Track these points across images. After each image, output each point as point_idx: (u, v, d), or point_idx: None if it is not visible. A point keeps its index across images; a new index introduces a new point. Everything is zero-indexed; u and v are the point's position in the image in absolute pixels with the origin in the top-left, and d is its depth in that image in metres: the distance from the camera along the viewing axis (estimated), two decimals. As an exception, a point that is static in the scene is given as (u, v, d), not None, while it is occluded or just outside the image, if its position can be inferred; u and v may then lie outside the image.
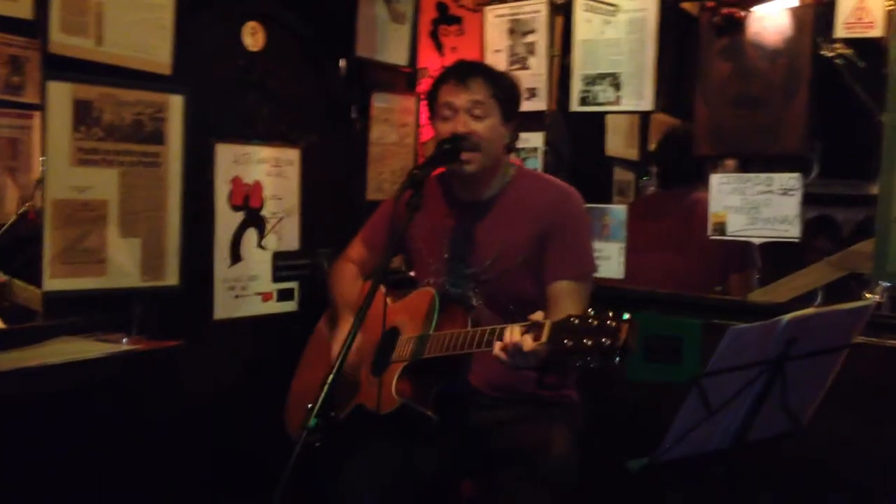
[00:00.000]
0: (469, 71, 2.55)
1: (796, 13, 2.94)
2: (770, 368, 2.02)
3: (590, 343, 1.95)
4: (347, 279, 2.78)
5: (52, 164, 2.54)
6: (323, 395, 1.97)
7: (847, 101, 3.10)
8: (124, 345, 2.59)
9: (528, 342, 2.07)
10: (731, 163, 3.53)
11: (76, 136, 2.58)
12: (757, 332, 1.97)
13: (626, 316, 1.95)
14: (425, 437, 2.45)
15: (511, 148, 2.65)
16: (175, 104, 2.79)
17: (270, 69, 3.22)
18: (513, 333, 2.11)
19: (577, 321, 1.99)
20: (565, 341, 1.99)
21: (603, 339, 1.94)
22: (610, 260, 3.34)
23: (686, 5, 3.47)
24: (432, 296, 2.48)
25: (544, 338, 2.05)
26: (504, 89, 2.54)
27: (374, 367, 2.51)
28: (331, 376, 2.00)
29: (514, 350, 2.10)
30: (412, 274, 2.84)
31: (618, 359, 1.94)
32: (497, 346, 2.14)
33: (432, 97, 2.58)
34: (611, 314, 1.96)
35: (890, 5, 2.77)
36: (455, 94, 2.50)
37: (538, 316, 2.13)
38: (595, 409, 2.71)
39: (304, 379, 2.80)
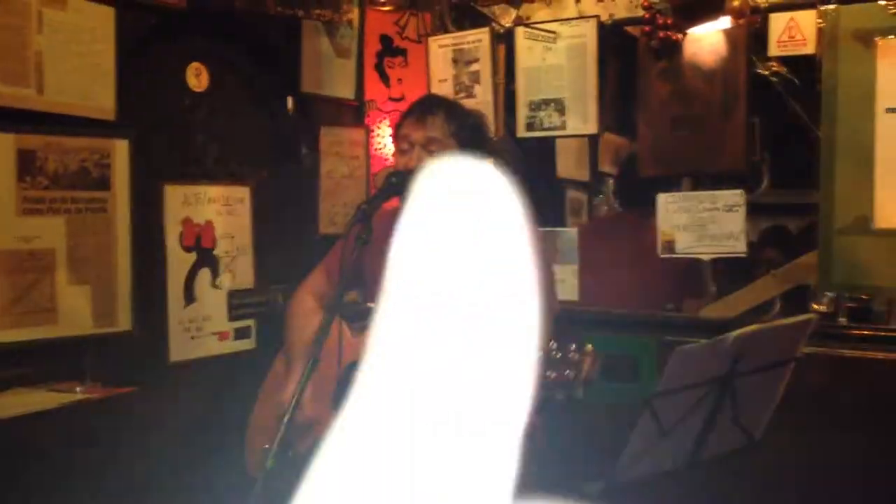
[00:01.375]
0: (429, 107, 2.55)
1: (730, 34, 3.01)
2: (719, 386, 2.06)
3: (553, 376, 1.98)
4: (305, 313, 2.77)
5: (-4, 215, 2.52)
6: (280, 436, 1.96)
7: (787, 114, 3.18)
8: (79, 393, 2.56)
9: None
10: (687, 181, 3.59)
11: (21, 186, 2.56)
12: (704, 351, 2.01)
13: (589, 347, 1.98)
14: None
15: None
16: (120, 149, 2.79)
17: (216, 109, 3.23)
18: None
19: (539, 353, 2.01)
20: None
21: (566, 372, 1.96)
22: (564, 282, 3.37)
23: (631, 27, 3.53)
24: None
25: None
26: (465, 128, 2.55)
27: (334, 401, 2.50)
28: (287, 415, 1.99)
29: None
30: (371, 305, 2.83)
31: (581, 391, 1.97)
32: None
33: (397, 130, 2.60)
34: (573, 346, 1.99)
35: (820, 23, 2.84)
36: (413, 128, 2.51)
37: None
38: (551, 431, 2.72)
39: (262, 414, 2.78)
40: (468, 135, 2.55)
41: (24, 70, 2.59)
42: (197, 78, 3.17)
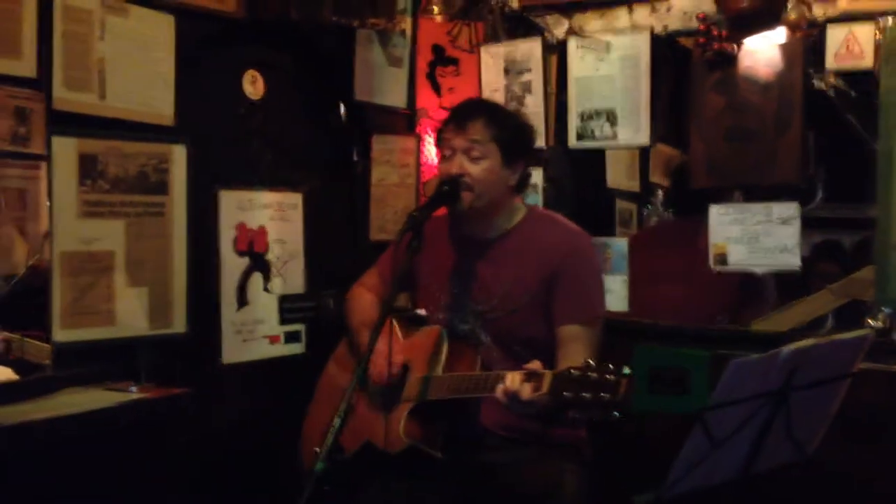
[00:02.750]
0: (470, 112, 2.57)
1: (786, 47, 2.98)
2: (773, 400, 2.04)
3: (588, 397, 1.98)
4: (366, 306, 2.79)
5: (58, 218, 2.58)
6: (330, 439, 1.98)
7: (843, 128, 3.14)
8: (133, 393, 2.61)
9: (526, 391, 2.10)
10: (738, 193, 3.55)
11: (82, 190, 2.62)
12: (758, 365, 1.99)
13: (627, 371, 1.98)
14: (433, 475, 2.46)
15: (520, 189, 2.66)
16: (178, 154, 2.84)
17: (271, 116, 3.28)
18: (513, 381, 2.13)
19: (577, 373, 2.02)
20: (565, 393, 2.02)
21: (602, 394, 1.96)
22: (613, 293, 3.36)
23: (683, 39, 3.52)
24: (439, 334, 2.50)
25: (544, 388, 2.08)
26: (507, 131, 2.55)
27: (384, 404, 2.52)
28: (337, 420, 2.01)
29: (512, 397, 2.12)
30: (422, 312, 2.86)
31: (616, 414, 1.96)
32: (498, 390, 2.16)
33: (439, 136, 2.62)
34: (611, 368, 1.99)
35: (879, 36, 2.81)
36: (454, 135, 2.53)
37: (536, 365, 2.15)
38: (602, 442, 2.72)
39: (316, 418, 2.82)
40: (510, 138, 2.55)
41: (87, 76, 2.66)
42: (253, 85, 3.22)
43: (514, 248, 2.58)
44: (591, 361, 2.02)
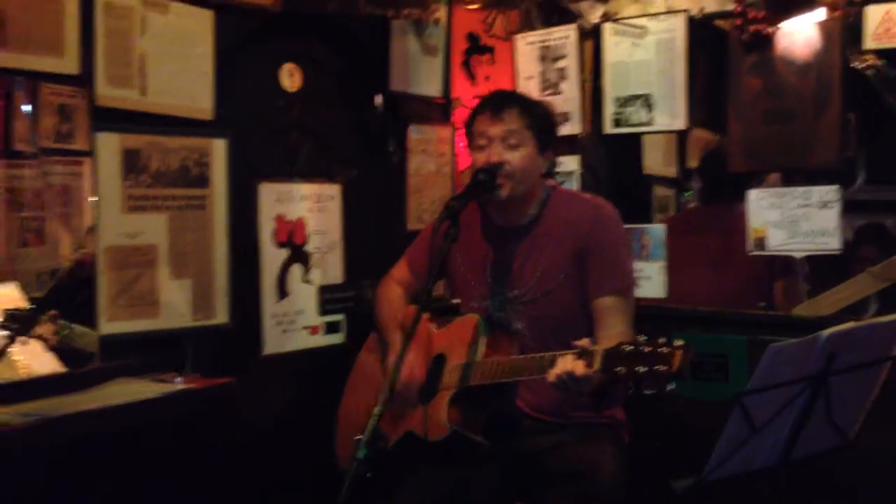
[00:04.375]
0: (504, 102, 2.58)
1: (824, 27, 2.95)
2: (812, 384, 2.03)
3: (643, 371, 1.98)
4: (394, 300, 2.82)
5: (103, 212, 2.63)
6: (371, 426, 2.01)
7: (883, 108, 3.10)
8: (179, 384, 2.65)
9: (580, 369, 2.11)
10: (774, 176, 3.53)
11: (126, 184, 2.67)
12: (797, 349, 1.98)
13: (680, 342, 1.97)
14: (475, 462, 2.48)
15: (548, 175, 2.69)
16: (218, 148, 2.88)
17: (309, 108, 3.30)
18: (565, 362, 2.14)
19: (629, 348, 2.02)
20: (618, 369, 2.02)
21: (656, 366, 1.96)
22: (651, 279, 3.35)
23: (721, 21, 3.49)
24: (477, 322, 2.52)
25: (597, 365, 2.08)
26: (539, 119, 2.57)
27: (422, 394, 2.55)
28: (378, 407, 2.04)
29: (568, 378, 2.13)
30: (456, 301, 2.88)
31: (672, 385, 1.97)
32: (551, 373, 2.17)
33: (469, 127, 2.63)
34: (663, 340, 1.99)
35: (918, 14, 2.77)
36: (489, 124, 2.54)
37: (585, 342, 2.16)
38: (641, 427, 2.72)
39: (350, 406, 2.85)
40: (542, 125, 2.57)
41: (128, 72, 2.70)
42: (290, 78, 3.25)
43: (544, 230, 2.60)
44: (642, 336, 2.02)
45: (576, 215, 2.58)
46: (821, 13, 2.95)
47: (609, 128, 3.46)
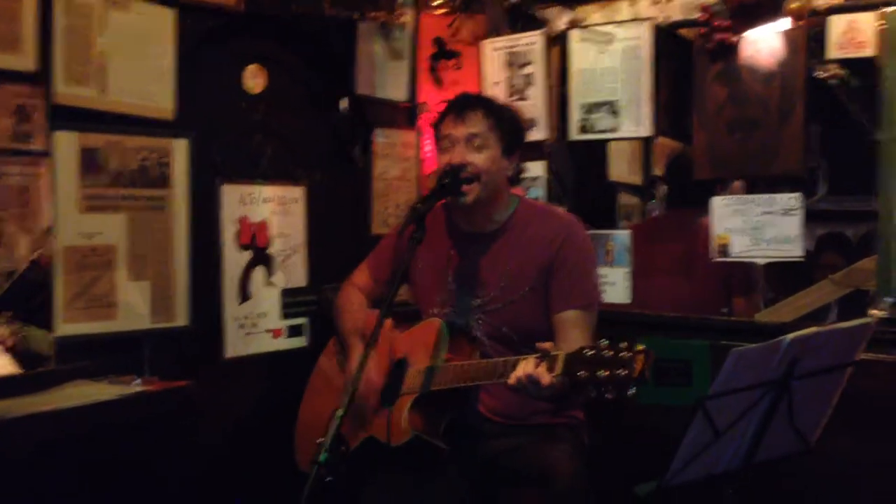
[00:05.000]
0: (468, 104, 2.58)
1: (788, 36, 2.97)
2: (774, 389, 2.04)
3: (605, 374, 1.97)
4: (355, 305, 2.80)
5: (60, 212, 2.59)
6: (333, 429, 1.99)
7: (846, 117, 3.13)
8: (136, 386, 2.61)
9: (542, 374, 2.10)
10: (738, 184, 3.55)
11: (84, 184, 2.63)
12: (759, 354, 1.98)
13: (641, 347, 1.97)
14: (436, 466, 2.46)
15: (515, 180, 2.67)
16: (179, 148, 2.84)
17: (273, 110, 3.28)
18: (527, 365, 2.13)
19: (591, 353, 2.02)
20: (580, 373, 2.01)
21: (618, 371, 1.96)
22: (616, 285, 3.36)
23: (685, 30, 3.51)
24: (440, 326, 2.51)
25: (558, 370, 2.07)
26: (504, 122, 2.57)
27: (383, 399, 2.53)
28: (341, 411, 2.02)
29: (529, 382, 2.12)
30: (416, 304, 2.87)
31: (633, 389, 1.96)
32: (512, 377, 2.16)
33: (436, 129, 2.62)
34: (624, 345, 1.98)
35: (881, 25, 2.80)
36: (454, 126, 2.53)
37: (548, 346, 2.15)
38: (604, 433, 2.72)
39: (311, 411, 2.82)
40: (508, 127, 2.57)
41: (87, 71, 2.66)
42: (254, 80, 3.22)
43: (511, 240, 2.58)
44: (604, 340, 2.02)
45: (547, 230, 2.57)
46: (785, 22, 2.98)
47: (575, 134, 3.47)
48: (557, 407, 2.47)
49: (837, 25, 2.90)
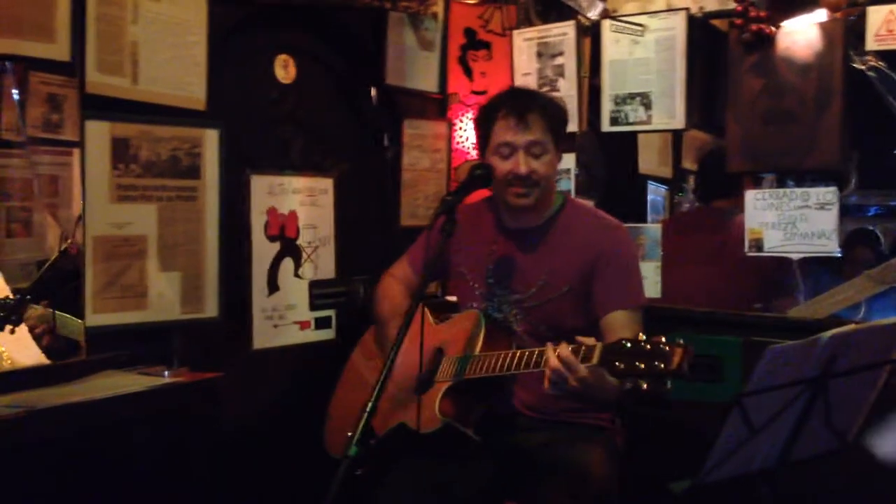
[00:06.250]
0: (527, 106, 2.51)
1: (826, 27, 2.92)
2: (811, 387, 2.01)
3: (642, 366, 1.95)
4: (396, 296, 2.79)
5: (91, 202, 2.58)
6: (362, 423, 1.97)
7: (884, 111, 3.07)
8: (166, 378, 2.61)
9: (578, 360, 2.07)
10: (770, 178, 3.50)
11: (115, 174, 2.62)
12: (797, 351, 1.96)
13: (680, 340, 1.95)
14: (466, 457, 2.45)
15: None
16: (210, 138, 2.83)
17: (303, 100, 3.27)
18: (563, 349, 2.10)
19: (629, 344, 1.99)
20: (616, 363, 1.99)
21: (655, 363, 1.93)
22: (646, 279, 3.31)
23: (716, 21, 3.47)
24: (477, 317, 2.49)
25: (595, 359, 2.05)
26: (557, 120, 2.56)
27: (417, 387, 2.51)
28: (371, 403, 2.00)
29: (564, 366, 2.08)
30: (452, 298, 2.85)
31: (670, 384, 1.93)
32: (549, 361, 2.12)
33: (487, 129, 2.56)
34: (663, 338, 1.96)
35: (921, 16, 2.75)
36: (514, 133, 2.49)
37: (587, 339, 2.12)
38: (635, 429, 2.69)
39: (343, 402, 2.82)
40: (560, 127, 2.55)
41: (119, 60, 2.65)
42: (284, 70, 3.21)
43: (555, 238, 2.57)
44: (641, 334, 2.00)
45: (592, 232, 2.55)
46: (823, 13, 2.93)
47: (607, 126, 3.43)
48: (590, 408, 2.44)
49: (876, 16, 2.84)
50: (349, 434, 1.97)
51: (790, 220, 3.00)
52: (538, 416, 2.53)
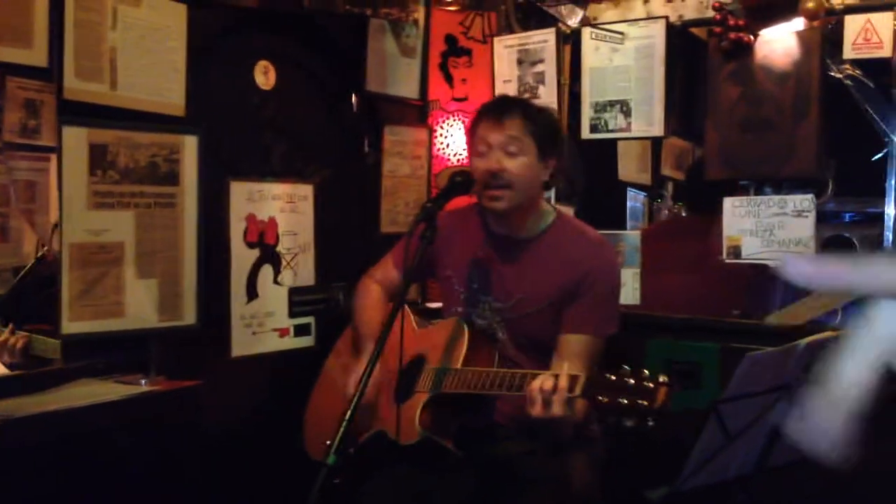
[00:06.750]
0: (506, 108, 2.53)
1: (803, 36, 2.95)
2: (788, 393, 2.01)
3: (625, 402, 1.93)
4: (373, 301, 2.77)
5: (68, 208, 2.56)
6: (341, 432, 1.97)
7: (860, 119, 3.10)
8: (143, 386, 2.60)
9: (561, 391, 2.06)
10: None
11: (92, 180, 2.60)
12: (774, 358, 1.97)
13: (664, 378, 1.94)
14: (447, 467, 2.44)
15: (549, 184, 2.63)
16: (189, 145, 2.81)
17: (283, 107, 3.26)
18: (546, 380, 2.09)
19: (613, 378, 1.98)
20: (600, 397, 1.98)
21: (639, 401, 1.92)
22: (625, 286, 3.33)
23: (696, 29, 3.49)
24: (461, 326, 2.48)
25: (578, 390, 2.04)
26: (542, 126, 2.52)
27: (397, 394, 2.50)
28: (348, 412, 2.00)
29: (545, 398, 2.07)
30: (433, 305, 2.84)
31: (652, 423, 1.93)
32: (531, 389, 2.11)
33: (472, 132, 2.58)
34: (647, 373, 1.95)
35: (897, 25, 2.77)
36: (490, 130, 2.49)
37: (571, 369, 2.11)
38: (613, 436, 2.69)
39: (318, 409, 2.81)
40: (544, 132, 2.52)
41: (97, 66, 2.63)
42: (265, 76, 3.20)
43: (541, 254, 2.55)
44: (626, 367, 1.99)
45: (578, 252, 2.52)
46: (800, 22, 2.95)
47: (587, 133, 3.44)
48: (568, 434, 2.43)
49: (853, 25, 2.87)
50: (327, 442, 1.96)
51: (767, 228, 3.02)
52: (520, 428, 2.52)
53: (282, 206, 3.24)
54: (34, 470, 2.28)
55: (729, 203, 3.09)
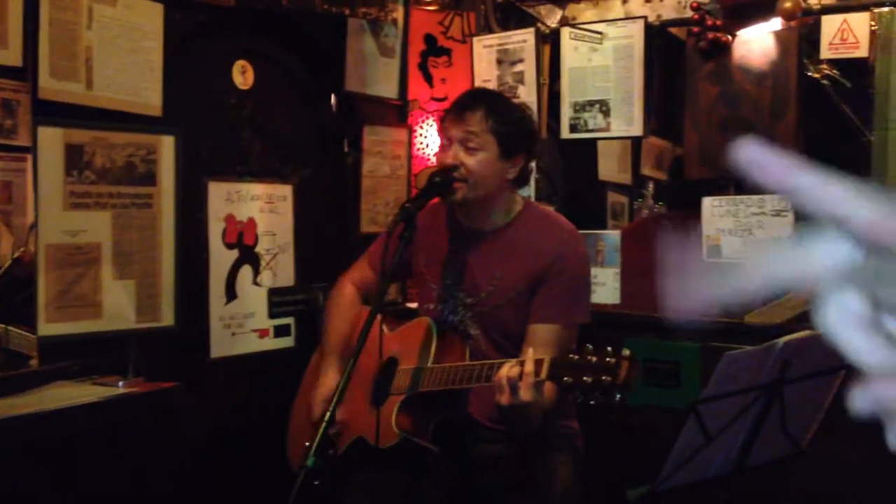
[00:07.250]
0: (470, 103, 2.49)
1: (781, 36, 2.96)
2: (767, 392, 2.02)
3: (589, 381, 1.95)
4: (344, 308, 2.75)
5: (44, 209, 2.54)
6: (320, 433, 1.96)
7: (837, 117, 3.12)
8: (121, 388, 2.57)
9: (527, 375, 2.07)
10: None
11: (68, 181, 2.58)
12: (752, 357, 1.97)
13: (627, 352, 1.95)
14: (426, 469, 2.44)
15: (521, 182, 2.60)
16: (166, 145, 2.80)
17: (261, 106, 3.24)
18: (511, 368, 2.10)
19: (576, 358, 1.99)
20: (565, 378, 1.99)
21: (603, 377, 1.93)
22: (605, 286, 3.34)
23: (674, 29, 3.50)
24: (429, 325, 2.47)
25: (543, 374, 2.04)
26: (506, 124, 2.46)
27: (372, 399, 2.49)
28: (327, 415, 1.99)
29: (512, 384, 2.08)
30: (415, 305, 2.83)
31: (618, 396, 1.94)
32: (496, 378, 2.12)
33: (440, 124, 2.58)
34: (610, 350, 1.96)
35: (874, 25, 2.79)
36: (452, 124, 2.47)
37: (536, 354, 2.12)
38: (594, 435, 2.69)
39: (302, 410, 2.79)
40: (510, 130, 2.48)
41: (73, 66, 2.61)
42: (242, 75, 3.18)
43: (507, 244, 2.53)
44: (589, 346, 2.00)
45: (545, 240, 2.48)
46: (778, 22, 2.96)
47: (566, 133, 3.44)
48: (544, 419, 2.42)
49: (830, 25, 2.89)
50: (307, 444, 1.96)
51: (747, 227, 3.03)
52: (498, 427, 2.51)
53: (261, 206, 3.22)
54: (8, 473, 2.26)
55: (708, 202, 3.11)
